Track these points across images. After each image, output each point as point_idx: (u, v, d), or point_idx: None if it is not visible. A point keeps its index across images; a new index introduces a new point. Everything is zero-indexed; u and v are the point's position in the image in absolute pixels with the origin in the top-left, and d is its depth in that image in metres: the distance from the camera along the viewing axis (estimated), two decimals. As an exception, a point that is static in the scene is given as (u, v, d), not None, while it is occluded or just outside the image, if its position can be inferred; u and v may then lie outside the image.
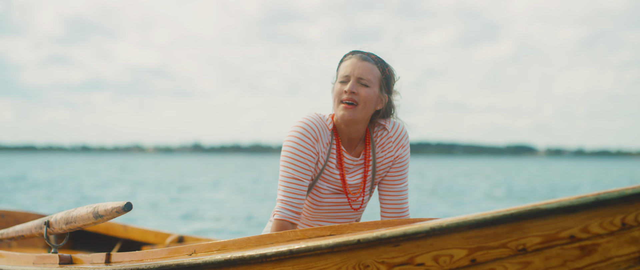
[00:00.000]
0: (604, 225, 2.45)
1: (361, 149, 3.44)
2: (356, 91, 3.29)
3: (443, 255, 2.59)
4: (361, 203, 3.46)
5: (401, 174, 3.46)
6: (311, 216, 3.45)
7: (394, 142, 3.42)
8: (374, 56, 3.36)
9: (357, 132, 3.39)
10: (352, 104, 3.30)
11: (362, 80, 3.30)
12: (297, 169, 3.26)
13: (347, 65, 3.33)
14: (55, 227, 3.76)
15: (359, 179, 3.43)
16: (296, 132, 3.29)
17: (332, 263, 2.70)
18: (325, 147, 3.33)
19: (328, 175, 3.37)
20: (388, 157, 3.44)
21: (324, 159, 3.33)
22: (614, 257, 2.48)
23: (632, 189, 2.40)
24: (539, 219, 2.49)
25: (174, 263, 2.95)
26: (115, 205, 3.36)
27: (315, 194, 3.38)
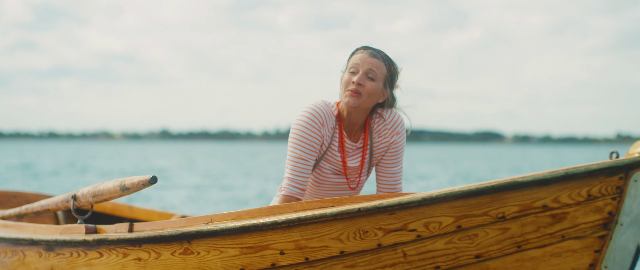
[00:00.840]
0: (572, 196, 2.83)
1: (360, 134, 3.79)
2: (363, 83, 3.63)
3: (433, 222, 2.96)
4: (358, 184, 3.82)
5: (396, 158, 3.83)
6: (313, 193, 3.80)
7: (389, 129, 3.78)
8: (383, 54, 3.70)
9: (358, 120, 3.73)
10: (357, 93, 3.65)
11: (370, 73, 3.65)
12: (303, 150, 3.61)
13: (357, 58, 3.67)
14: (82, 200, 4.07)
15: (357, 162, 3.79)
16: (304, 117, 3.63)
17: (335, 229, 3.06)
18: (329, 132, 3.68)
19: (330, 157, 3.72)
20: (384, 143, 3.80)
21: (328, 142, 3.68)
22: (581, 224, 2.86)
23: (597, 164, 2.78)
24: (516, 191, 2.87)
25: (193, 230, 3.30)
26: (141, 179, 3.68)
27: (318, 173, 3.74)
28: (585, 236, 2.88)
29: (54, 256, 3.93)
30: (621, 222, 2.82)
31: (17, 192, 6.04)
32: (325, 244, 3.08)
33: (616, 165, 2.78)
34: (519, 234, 2.93)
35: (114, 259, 3.63)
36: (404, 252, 3.02)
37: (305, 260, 3.13)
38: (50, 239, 3.92)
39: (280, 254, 3.16)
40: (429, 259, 3.01)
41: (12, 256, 4.25)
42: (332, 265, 3.11)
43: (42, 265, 4.02)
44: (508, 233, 2.93)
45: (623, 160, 2.78)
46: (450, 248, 2.98)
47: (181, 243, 3.36)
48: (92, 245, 3.71)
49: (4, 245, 4.30)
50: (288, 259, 3.16)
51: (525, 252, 2.94)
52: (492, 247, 2.95)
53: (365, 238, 3.04)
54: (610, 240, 2.85)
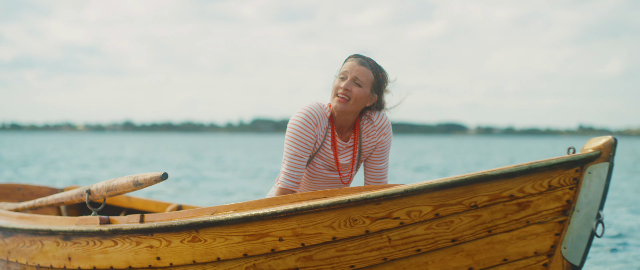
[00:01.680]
0: (535, 186, 3.24)
1: (351, 134, 4.18)
2: (350, 89, 4.02)
3: (414, 211, 3.36)
4: (350, 179, 4.22)
5: (382, 156, 4.23)
6: (307, 186, 4.19)
7: (377, 130, 4.18)
8: (372, 62, 4.09)
9: (348, 121, 4.12)
10: (344, 98, 4.04)
11: (357, 80, 4.03)
12: (298, 148, 4.00)
13: (347, 66, 4.06)
14: (96, 194, 4.42)
15: (348, 159, 4.18)
16: (300, 117, 4.02)
17: (327, 218, 3.45)
18: (322, 131, 4.07)
19: (323, 154, 4.11)
20: (372, 142, 4.20)
21: (321, 141, 4.07)
22: (543, 210, 3.27)
23: (556, 159, 3.20)
24: (487, 183, 3.28)
25: (201, 220, 3.67)
26: (153, 175, 4.04)
27: (311, 168, 4.13)
28: (546, 221, 3.28)
29: (71, 245, 4.28)
30: (577, 209, 3.23)
31: (21, 184, 6.35)
32: (319, 231, 3.47)
33: (573, 159, 3.19)
34: (489, 220, 3.33)
35: (128, 246, 3.98)
36: (389, 237, 3.41)
37: (302, 246, 3.52)
38: (68, 230, 4.27)
39: (279, 241, 3.54)
40: (411, 243, 3.40)
41: (30, 245, 4.58)
42: (326, 249, 3.49)
43: (60, 254, 4.37)
44: (480, 219, 3.34)
45: (579, 155, 3.20)
46: (429, 233, 3.38)
47: (190, 232, 3.73)
48: (107, 235, 4.06)
49: (22, 236, 4.62)
50: (286, 244, 3.54)
51: (495, 236, 3.34)
52: (466, 232, 3.35)
53: (354, 225, 3.43)
54: (568, 224, 3.26)
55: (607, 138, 3.23)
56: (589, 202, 3.23)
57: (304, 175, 4.15)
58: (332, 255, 3.50)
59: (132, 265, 3.98)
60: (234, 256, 3.65)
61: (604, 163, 3.18)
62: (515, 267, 3.37)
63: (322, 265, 3.52)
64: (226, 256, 3.66)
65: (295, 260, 3.56)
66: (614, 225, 10.33)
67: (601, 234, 3.29)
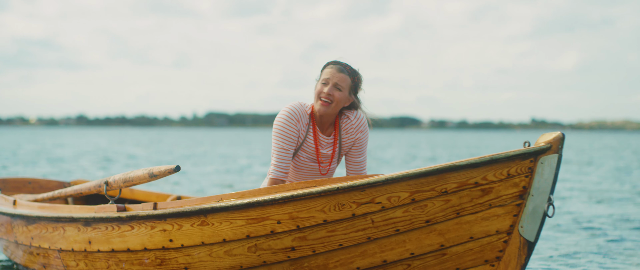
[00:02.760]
0: (496, 175, 3.81)
1: (331, 130, 4.74)
2: (332, 93, 4.60)
3: (393, 196, 3.91)
4: (329, 170, 4.77)
5: (361, 150, 4.81)
6: (294, 176, 4.74)
7: (354, 128, 4.76)
8: (349, 67, 4.66)
9: (329, 119, 4.69)
10: (327, 102, 4.61)
11: (338, 85, 4.61)
12: (284, 141, 4.56)
13: (328, 72, 4.63)
14: (113, 185, 4.92)
15: (329, 151, 4.74)
16: (283, 116, 4.59)
17: (319, 203, 3.99)
18: (304, 127, 4.63)
19: (307, 147, 4.67)
20: (350, 138, 4.77)
21: (304, 135, 4.63)
22: (503, 195, 3.84)
23: (514, 151, 3.77)
24: (455, 172, 3.84)
25: (209, 206, 4.20)
26: (167, 168, 4.56)
27: (297, 160, 4.68)
28: (506, 204, 3.84)
29: (91, 230, 4.77)
30: (532, 194, 3.80)
31: (31, 178, 6.82)
32: (312, 215, 4.01)
33: (528, 151, 3.77)
34: (458, 204, 3.89)
35: (143, 230, 4.49)
36: (372, 219, 3.96)
37: (297, 228, 4.06)
38: (88, 217, 4.76)
39: (277, 223, 4.08)
40: (391, 224, 3.95)
41: (52, 231, 5.07)
42: (318, 230, 4.03)
43: (81, 238, 4.86)
44: (449, 203, 3.90)
45: (533, 148, 3.77)
46: (406, 215, 3.93)
47: (199, 217, 4.25)
48: (124, 220, 4.57)
49: (45, 223, 5.10)
50: (283, 226, 4.07)
51: (463, 217, 3.90)
52: (438, 214, 3.90)
53: (342, 209, 3.97)
54: (524, 207, 3.83)
55: (557, 133, 3.81)
56: (541, 187, 3.80)
57: (291, 166, 4.69)
58: (323, 236, 4.04)
59: (147, 247, 4.49)
60: (238, 237, 4.18)
61: (554, 155, 3.77)
62: (480, 244, 3.93)
63: (314, 244, 4.06)
64: (231, 237, 4.19)
65: (291, 240, 4.09)
66: (571, 212, 11.04)
67: (552, 215, 3.87)
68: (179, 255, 4.40)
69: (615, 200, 13.21)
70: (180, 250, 4.38)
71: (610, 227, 9.55)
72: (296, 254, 4.13)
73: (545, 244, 8.05)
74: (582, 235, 8.80)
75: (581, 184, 17.15)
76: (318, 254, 4.10)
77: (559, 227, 9.54)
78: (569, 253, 7.55)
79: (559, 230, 9.22)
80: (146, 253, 4.51)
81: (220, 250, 4.26)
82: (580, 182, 17.72)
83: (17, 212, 5.37)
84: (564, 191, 15.08)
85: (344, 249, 4.06)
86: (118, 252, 4.66)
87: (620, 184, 17.28)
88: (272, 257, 4.17)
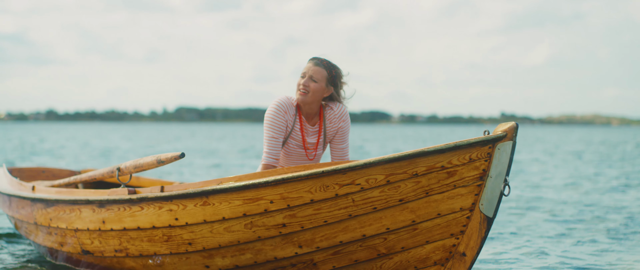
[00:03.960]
0: (460, 159, 4.38)
1: (316, 120, 5.32)
2: (308, 85, 5.19)
3: (371, 178, 4.48)
4: (315, 155, 5.35)
5: (343, 138, 5.39)
6: (285, 162, 5.31)
7: (337, 117, 5.34)
8: (326, 62, 5.24)
9: (312, 110, 5.27)
10: (304, 92, 5.19)
11: (313, 77, 5.19)
12: (273, 131, 5.14)
13: (306, 67, 5.22)
14: (124, 171, 5.48)
15: (314, 139, 5.32)
16: (272, 108, 5.17)
17: (307, 185, 4.56)
18: (291, 118, 5.21)
19: (295, 136, 5.24)
20: (333, 127, 5.35)
21: (291, 125, 5.21)
22: (466, 177, 4.41)
23: (475, 139, 4.35)
24: (424, 157, 4.41)
25: (210, 188, 4.76)
26: (173, 154, 5.13)
27: (287, 147, 5.25)
28: (468, 185, 4.41)
29: (105, 211, 5.32)
30: (490, 176, 4.37)
31: (44, 168, 7.38)
32: (301, 195, 4.58)
33: (487, 139, 4.34)
34: (427, 185, 4.45)
35: (152, 210, 5.05)
36: (353, 199, 4.52)
37: (287, 207, 4.62)
38: (102, 199, 5.31)
39: (270, 203, 4.64)
40: (369, 202, 4.52)
41: (69, 213, 5.61)
42: (306, 209, 4.60)
43: (95, 218, 5.40)
44: (419, 184, 4.46)
45: (491, 136, 4.35)
46: (382, 195, 4.49)
47: (201, 198, 4.81)
48: (135, 202, 5.12)
49: (62, 205, 5.64)
50: (275, 205, 4.64)
51: (431, 197, 4.46)
52: (410, 193, 4.47)
53: (327, 190, 4.53)
54: (484, 187, 4.39)
55: (512, 123, 4.38)
56: (498, 170, 4.37)
57: (282, 153, 5.27)
58: (310, 213, 4.61)
59: (155, 225, 5.05)
60: (235, 215, 4.74)
61: (509, 142, 4.35)
62: (446, 219, 4.49)
63: (303, 221, 4.63)
64: (230, 215, 4.76)
65: (283, 218, 4.66)
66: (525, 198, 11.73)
67: (508, 194, 4.43)
68: (184, 232, 4.96)
69: (582, 188, 13.91)
70: (184, 227, 4.94)
71: (570, 209, 10.24)
72: (287, 229, 4.69)
73: (501, 218, 8.72)
74: (537, 215, 9.48)
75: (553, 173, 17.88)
76: (306, 230, 4.66)
77: (517, 207, 10.22)
78: (522, 231, 8.22)
79: (517, 211, 9.90)
80: (154, 231, 5.06)
81: (220, 227, 4.82)
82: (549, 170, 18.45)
83: (37, 196, 5.92)
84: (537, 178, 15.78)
85: (329, 225, 4.62)
86: (129, 230, 5.21)
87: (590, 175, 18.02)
88: (265, 232, 4.73)
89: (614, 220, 9.30)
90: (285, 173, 4.75)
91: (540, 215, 9.84)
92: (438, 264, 4.60)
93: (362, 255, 4.68)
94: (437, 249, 4.59)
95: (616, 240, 7.79)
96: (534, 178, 16.72)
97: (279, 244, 4.77)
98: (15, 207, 6.43)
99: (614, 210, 10.49)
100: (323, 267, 4.78)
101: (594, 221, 9.24)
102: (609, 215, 9.83)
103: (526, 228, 8.66)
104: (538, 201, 11.60)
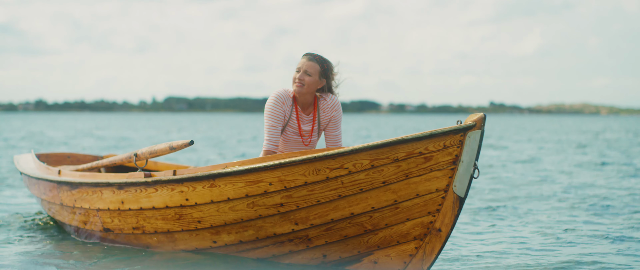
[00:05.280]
0: (435, 146, 4.92)
1: (311, 110, 5.92)
2: (303, 78, 5.79)
3: (357, 163, 5.02)
4: (310, 142, 5.95)
5: (336, 126, 5.98)
6: (284, 148, 5.92)
7: (330, 107, 5.94)
8: (318, 57, 5.84)
9: (307, 100, 5.87)
10: (300, 85, 5.79)
11: (307, 72, 5.80)
12: (273, 120, 5.75)
13: (300, 62, 5.82)
14: (141, 157, 6.10)
15: (309, 127, 5.92)
16: (271, 99, 5.77)
17: (301, 169, 5.12)
18: (288, 108, 5.81)
19: (291, 124, 5.85)
20: (327, 116, 5.95)
21: (288, 115, 5.81)
22: (441, 161, 4.94)
23: (448, 128, 4.90)
24: (404, 144, 4.93)
25: (216, 172, 5.34)
26: (184, 142, 5.74)
27: (285, 135, 5.85)
28: (443, 169, 4.94)
29: (124, 192, 5.93)
30: (462, 160, 4.91)
31: (69, 153, 8.03)
32: (296, 178, 5.15)
33: (459, 128, 4.87)
34: (407, 169, 4.99)
35: (165, 192, 5.65)
36: (342, 181, 5.08)
37: (284, 188, 5.20)
38: (121, 182, 5.92)
39: (269, 185, 5.22)
40: (356, 184, 5.06)
41: (92, 194, 6.22)
42: (300, 190, 5.15)
43: (115, 199, 6.01)
44: (400, 168, 5.00)
45: (462, 125, 4.87)
46: (368, 178, 5.02)
47: (209, 180, 5.40)
48: (150, 184, 5.72)
49: (86, 187, 6.26)
50: (274, 187, 5.21)
51: (411, 179, 5.00)
52: (392, 176, 5.00)
53: (319, 174, 5.08)
54: (456, 170, 4.93)
55: (480, 114, 4.87)
56: (469, 156, 4.90)
57: (281, 140, 5.89)
58: (304, 194, 5.18)
59: (168, 205, 5.66)
60: (239, 196, 5.33)
61: (478, 130, 4.89)
62: (424, 199, 5.02)
63: (298, 201, 5.21)
64: (234, 196, 5.35)
65: (280, 198, 5.24)
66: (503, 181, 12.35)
67: (477, 176, 4.96)
68: (194, 211, 5.57)
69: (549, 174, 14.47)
70: (194, 207, 5.54)
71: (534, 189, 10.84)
72: (284, 208, 5.27)
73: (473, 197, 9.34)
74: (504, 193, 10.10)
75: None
76: (301, 209, 5.23)
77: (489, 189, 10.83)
78: (491, 207, 8.84)
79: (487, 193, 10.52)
80: (168, 210, 5.67)
81: (226, 207, 5.42)
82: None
83: (62, 179, 6.54)
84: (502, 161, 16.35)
85: (321, 204, 5.18)
86: (145, 209, 5.83)
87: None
88: (265, 211, 5.32)
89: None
90: (283, 158, 5.37)
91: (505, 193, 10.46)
92: (417, 238, 5.15)
93: (351, 231, 5.25)
94: (416, 226, 5.12)
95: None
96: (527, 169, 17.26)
97: (277, 222, 5.35)
98: (43, 189, 7.05)
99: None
100: (317, 241, 5.37)
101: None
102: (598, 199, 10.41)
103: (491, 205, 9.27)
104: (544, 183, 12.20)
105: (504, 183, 12.88)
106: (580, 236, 7.40)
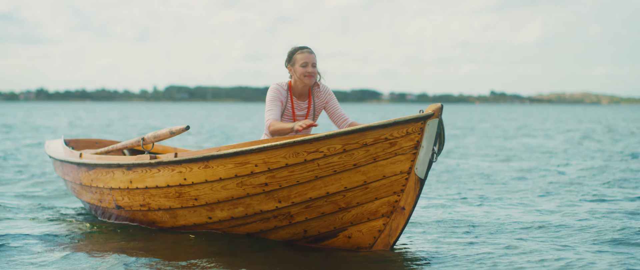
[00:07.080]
0: (399, 132, 5.46)
1: (306, 97, 6.64)
2: (314, 71, 6.55)
3: (331, 147, 5.56)
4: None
5: (335, 106, 6.69)
6: None
7: (322, 94, 6.69)
8: (311, 49, 6.55)
9: (305, 90, 6.62)
10: (313, 76, 6.53)
11: (314, 64, 6.56)
12: (274, 99, 6.48)
13: (304, 57, 6.52)
14: (147, 141, 6.85)
15: (304, 113, 6.63)
16: (271, 89, 6.52)
17: (283, 152, 5.61)
18: (284, 97, 6.52)
19: (287, 111, 6.54)
20: (322, 103, 6.67)
21: (285, 102, 6.53)
22: (404, 146, 5.49)
23: (410, 116, 5.41)
24: (372, 130, 5.47)
25: (210, 154, 5.96)
26: (181, 127, 6.49)
27: (282, 119, 6.53)
28: (406, 153, 5.43)
29: (132, 173, 6.62)
30: (422, 145, 5.46)
31: (97, 139, 8.85)
32: (278, 160, 5.72)
33: (419, 116, 5.38)
34: (374, 153, 5.52)
35: (167, 172, 6.31)
36: (318, 163, 5.63)
37: (268, 169, 5.79)
38: (130, 163, 6.60)
39: (255, 166, 5.82)
40: (330, 166, 5.62)
41: (105, 174, 6.95)
42: (282, 171, 5.74)
43: (125, 178, 6.70)
44: (369, 153, 5.53)
45: (423, 114, 5.36)
46: (341, 161, 5.57)
47: (203, 162, 6.04)
48: (154, 165, 6.41)
49: (100, 168, 6.98)
50: (259, 168, 5.82)
51: (378, 162, 5.50)
52: (362, 159, 5.53)
53: (298, 156, 5.63)
54: (418, 155, 5.48)
55: (438, 104, 5.38)
56: (428, 142, 5.46)
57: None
58: (286, 175, 5.75)
59: (169, 184, 6.33)
60: (229, 176, 5.95)
61: (436, 119, 5.43)
62: (390, 180, 5.55)
63: (280, 181, 5.79)
64: (225, 176, 5.98)
65: (265, 178, 5.84)
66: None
67: (435, 160, 5.55)
68: (191, 190, 6.22)
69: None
70: (191, 186, 6.19)
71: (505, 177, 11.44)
72: (268, 188, 5.84)
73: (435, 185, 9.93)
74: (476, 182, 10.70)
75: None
76: (283, 188, 5.78)
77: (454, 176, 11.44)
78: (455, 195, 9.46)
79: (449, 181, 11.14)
80: (169, 189, 6.34)
81: (218, 186, 6.04)
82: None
83: (81, 161, 7.29)
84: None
85: (300, 184, 5.70)
86: (150, 188, 6.50)
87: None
88: (252, 190, 5.91)
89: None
90: (266, 143, 6.04)
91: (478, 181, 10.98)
92: (385, 215, 5.69)
93: (327, 209, 5.80)
94: (383, 204, 5.61)
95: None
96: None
97: (263, 200, 5.92)
98: (67, 171, 7.79)
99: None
100: (298, 218, 5.95)
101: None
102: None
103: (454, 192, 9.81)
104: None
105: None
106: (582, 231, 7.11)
